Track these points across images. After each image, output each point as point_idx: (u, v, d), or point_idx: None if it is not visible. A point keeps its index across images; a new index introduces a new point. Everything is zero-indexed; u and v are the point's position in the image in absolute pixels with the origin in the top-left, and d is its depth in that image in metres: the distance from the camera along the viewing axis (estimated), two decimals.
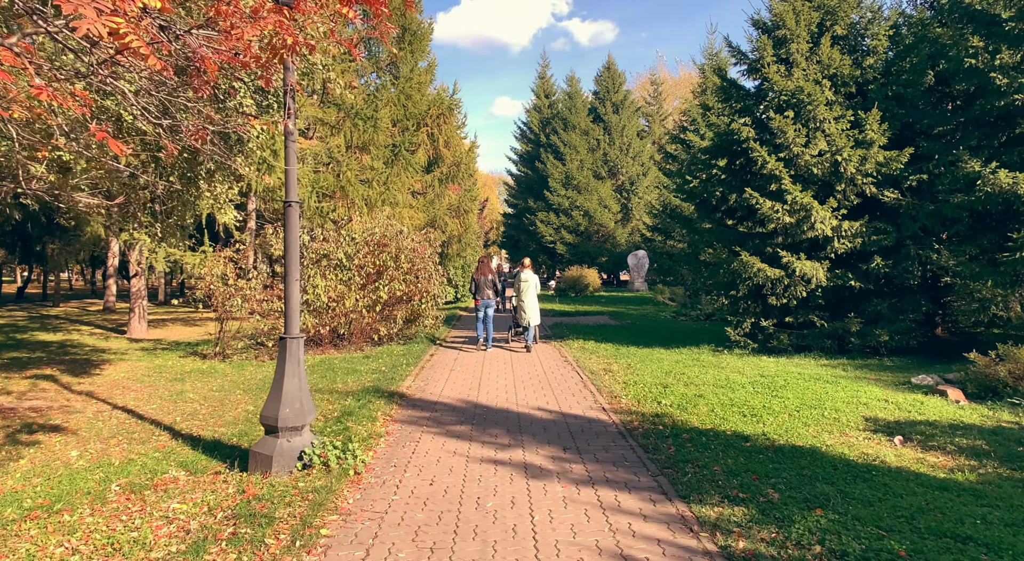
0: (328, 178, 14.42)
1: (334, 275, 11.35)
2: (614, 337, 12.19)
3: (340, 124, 15.67)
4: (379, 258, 11.60)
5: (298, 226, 4.77)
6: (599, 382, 7.59)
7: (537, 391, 7.19)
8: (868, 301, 9.44)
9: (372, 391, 7.21)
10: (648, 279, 32.15)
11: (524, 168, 41.36)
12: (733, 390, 7.00)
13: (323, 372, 8.89)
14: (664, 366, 8.70)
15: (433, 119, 17.57)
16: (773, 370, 8.32)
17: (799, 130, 9.24)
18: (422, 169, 17.77)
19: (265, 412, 4.59)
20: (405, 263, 11.78)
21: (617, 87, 37.83)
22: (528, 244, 38.73)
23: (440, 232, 17.45)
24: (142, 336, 14.79)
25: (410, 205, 16.90)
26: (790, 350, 9.64)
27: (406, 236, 11.93)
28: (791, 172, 9.31)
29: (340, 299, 11.15)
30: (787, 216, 9.24)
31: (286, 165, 4.68)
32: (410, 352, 10.58)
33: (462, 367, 9.07)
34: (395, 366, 9.13)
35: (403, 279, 11.80)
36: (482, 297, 11.35)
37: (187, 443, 5.48)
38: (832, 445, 4.94)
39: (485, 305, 11.48)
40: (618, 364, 8.91)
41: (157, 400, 7.41)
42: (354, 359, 10.12)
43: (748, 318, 10.03)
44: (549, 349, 10.92)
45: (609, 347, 10.72)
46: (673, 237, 20.48)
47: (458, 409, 6.35)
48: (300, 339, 4.73)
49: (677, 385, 7.31)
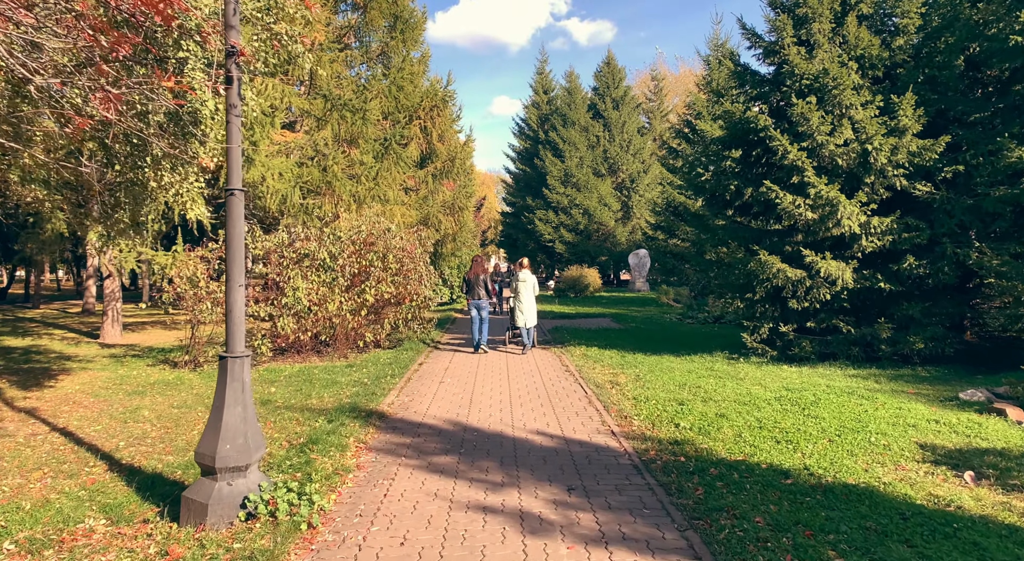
0: (313, 172, 13.55)
1: (316, 276, 10.49)
2: (618, 342, 11.34)
3: (327, 116, 14.80)
4: (365, 258, 10.75)
5: (242, 219, 3.91)
6: (606, 397, 6.73)
7: (536, 409, 6.34)
8: (898, 304, 8.61)
9: (348, 410, 6.36)
10: (649, 279, 31.32)
11: (522, 165, 40.51)
12: (758, 408, 6.16)
13: (299, 384, 8.04)
14: (676, 377, 7.85)
15: (426, 112, 16.69)
16: (798, 382, 7.48)
17: (823, 117, 8.39)
18: (414, 164, 16.90)
19: (200, 449, 3.73)
20: (393, 263, 10.93)
21: (617, 83, 36.98)
22: (526, 243, 37.88)
23: (434, 230, 16.59)
24: (115, 341, 13.92)
25: (402, 202, 16.03)
26: (813, 358, 8.80)
27: (394, 234, 11.07)
28: (814, 163, 8.47)
29: (323, 302, 10.30)
30: (810, 212, 8.41)
31: (228, 143, 3.83)
32: (398, 360, 9.73)
33: (453, 378, 8.22)
34: (379, 377, 8.28)
35: (391, 281, 10.95)
36: (473, 297, 10.86)
37: (123, 477, 4.62)
38: (890, 483, 4.09)
39: (476, 306, 10.91)
40: (625, 375, 8.06)
41: (106, 419, 6.55)
42: (336, 369, 9.27)
43: (765, 323, 9.20)
44: (549, 356, 10.08)
45: (614, 354, 9.87)
46: (677, 235, 19.65)
47: (444, 433, 5.49)
48: (245, 358, 3.87)
49: (694, 402, 6.46)
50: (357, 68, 17.66)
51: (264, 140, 12.31)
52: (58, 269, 45.92)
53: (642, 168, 36.24)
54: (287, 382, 8.31)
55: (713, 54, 19.86)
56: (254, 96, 5.82)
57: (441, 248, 17.28)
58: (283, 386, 8.01)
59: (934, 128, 8.62)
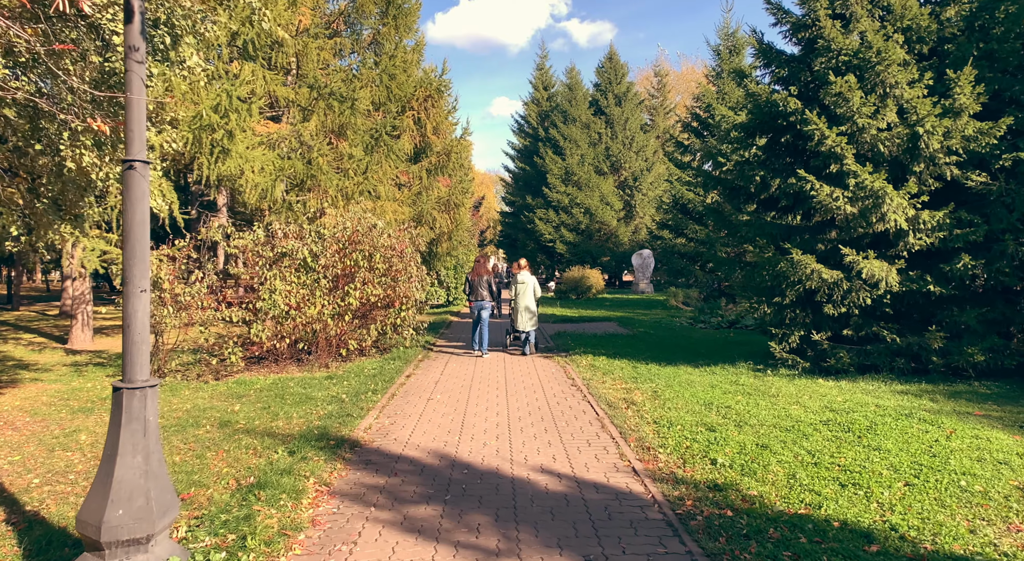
0: (296, 165, 12.55)
1: (296, 277, 9.49)
2: (628, 350, 10.33)
3: (313, 105, 13.80)
4: (350, 258, 9.75)
5: (145, 201, 2.89)
6: (621, 420, 5.72)
7: (539, 436, 5.33)
8: (947, 310, 7.61)
9: (316, 437, 5.35)
10: (654, 280, 30.33)
11: (522, 163, 39.51)
12: (805, 436, 5.15)
13: (269, 401, 7.03)
14: (699, 394, 6.85)
15: (420, 102, 15.69)
16: (842, 401, 6.47)
17: (864, 98, 7.39)
18: (407, 158, 15.90)
19: (82, 514, 2.72)
20: (381, 263, 9.93)
21: (620, 78, 35.99)
22: (526, 243, 36.88)
23: (428, 228, 15.60)
24: (84, 347, 12.90)
25: (394, 198, 15.03)
26: (851, 371, 7.80)
27: (382, 232, 10.06)
28: (853, 151, 7.47)
29: (302, 306, 9.29)
30: (849, 205, 7.40)
31: (128, 92, 2.81)
32: (383, 371, 8.71)
33: (444, 393, 7.21)
34: (360, 392, 7.27)
35: (378, 282, 9.95)
36: (476, 299, 10.37)
37: (15, 533, 3.61)
38: (1014, 556, 3.09)
39: (479, 307, 10.35)
40: (640, 391, 7.05)
41: (33, 445, 5.54)
42: (314, 381, 8.26)
43: (796, 330, 8.19)
44: (552, 367, 9.06)
45: (624, 365, 8.86)
46: (685, 234, 18.64)
47: (428, 470, 4.48)
48: (149, 390, 2.86)
49: (727, 427, 5.45)
50: (348, 57, 16.67)
51: (241, 130, 11.31)
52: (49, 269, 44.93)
53: (645, 166, 35.24)
54: (256, 397, 7.30)
55: (724, 43, 18.87)
56: (201, 60, 4.84)
57: (436, 247, 16.28)
58: (250, 403, 7.01)
59: (988, 111, 7.62)
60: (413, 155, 17.05)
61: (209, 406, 6.94)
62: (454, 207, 15.63)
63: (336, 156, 14.11)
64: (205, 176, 11.01)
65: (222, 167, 11.08)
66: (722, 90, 18.50)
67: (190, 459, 4.99)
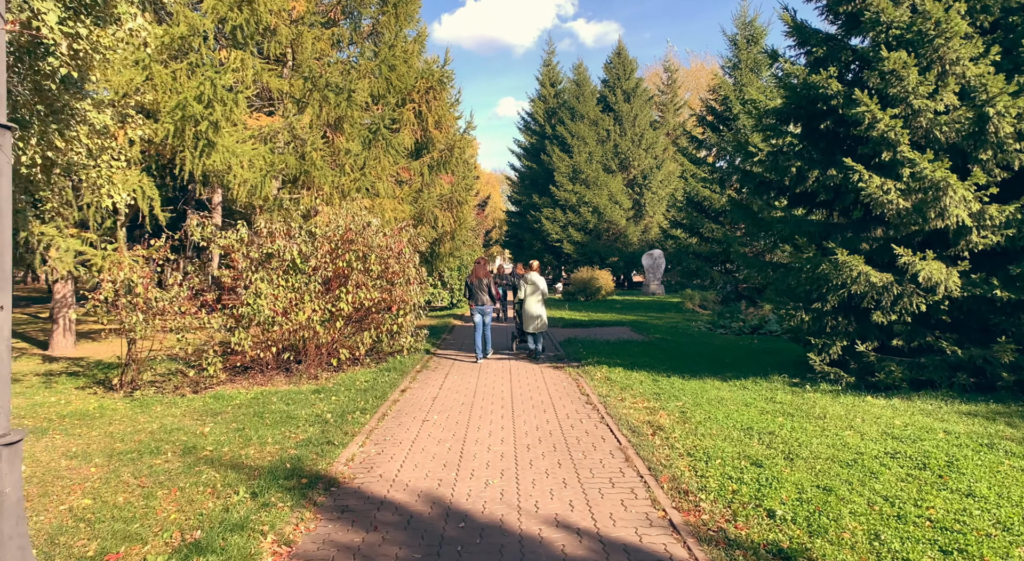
0: (289, 160, 11.75)
1: (284, 280, 8.69)
2: (646, 359, 9.45)
3: (307, 97, 13.00)
4: (342, 259, 8.94)
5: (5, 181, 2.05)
6: (648, 451, 4.85)
7: (552, 472, 4.47)
8: (1014, 317, 6.69)
9: (288, 472, 4.51)
10: (664, 281, 29.41)
11: (528, 162, 38.65)
12: (872, 474, 4.27)
13: (245, 420, 6.22)
14: (734, 415, 5.97)
15: (421, 94, 14.86)
16: (901, 425, 5.58)
17: (922, 77, 6.48)
18: (407, 153, 15.08)
19: None
20: (376, 265, 9.10)
21: (628, 74, 35.05)
22: (533, 243, 36.01)
23: (430, 227, 14.77)
24: (64, 353, 12.16)
25: (393, 195, 14.21)
26: (903, 387, 6.88)
27: (376, 230, 9.23)
28: (908, 136, 6.56)
29: (289, 311, 8.49)
30: (902, 199, 6.50)
31: None
32: (376, 385, 7.88)
33: (442, 412, 6.36)
34: (347, 411, 6.44)
35: (373, 285, 9.13)
36: (476, 302, 9.98)
37: None
38: None
39: (479, 311, 9.95)
40: (666, 411, 6.17)
41: None
42: (300, 395, 7.44)
43: (838, 340, 7.29)
44: (563, 379, 8.20)
45: (644, 378, 7.99)
46: (700, 234, 17.73)
47: (416, 523, 3.63)
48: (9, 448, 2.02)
49: (775, 460, 4.58)
50: (346, 49, 15.85)
51: (228, 121, 10.51)
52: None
53: (655, 163, 34.29)
54: (232, 416, 6.49)
55: (741, 33, 17.93)
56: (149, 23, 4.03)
57: (438, 247, 15.45)
58: (224, 423, 6.19)
59: None
60: (414, 151, 16.23)
61: (178, 427, 6.13)
62: (457, 205, 14.79)
63: (332, 151, 13.32)
64: (188, 171, 10.23)
65: (207, 161, 10.29)
66: (739, 82, 17.57)
67: (136, 500, 4.17)
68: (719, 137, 17.67)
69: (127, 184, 10.00)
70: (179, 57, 11.06)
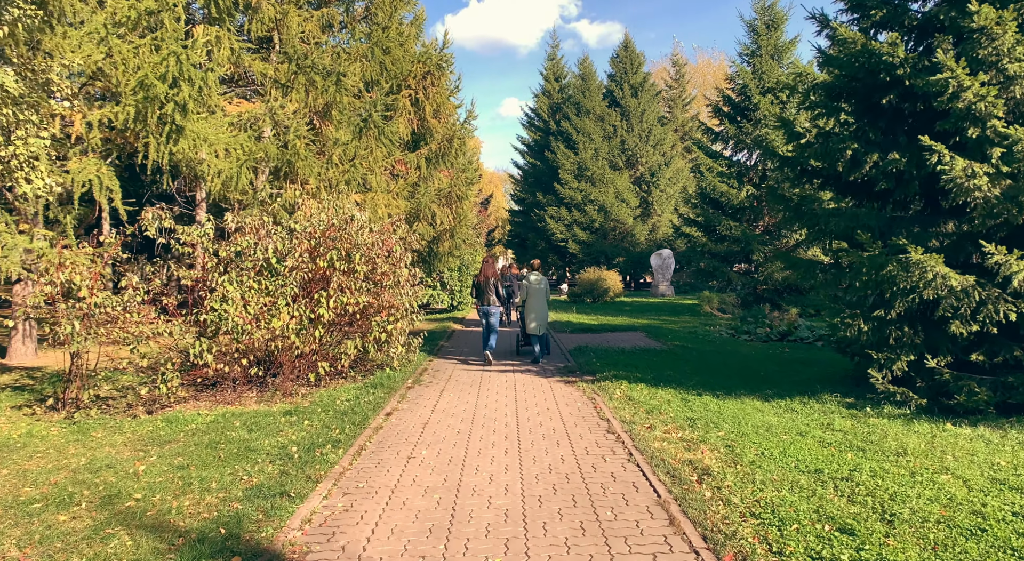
0: (270, 149, 10.63)
1: (256, 283, 7.57)
2: (669, 373, 8.31)
3: (292, 81, 11.89)
4: (323, 258, 7.83)
5: None
6: (698, 509, 3.70)
7: (573, 542, 3.33)
8: None
9: (221, 542, 3.39)
10: (674, 282, 28.25)
11: (532, 159, 37.53)
12: (1012, 551, 3.13)
13: (194, 453, 5.11)
14: (790, 449, 4.83)
15: (417, 80, 13.73)
16: (1008, 466, 4.42)
17: (1021, 38, 5.33)
18: (402, 144, 13.95)
19: None
20: (362, 265, 7.99)
21: (636, 68, 33.91)
22: (536, 243, 34.90)
23: (427, 224, 13.64)
24: (22, 362, 11.04)
25: (387, 189, 13.09)
26: (990, 412, 5.73)
27: (362, 226, 8.11)
28: (1001, 108, 5.40)
29: (260, 319, 7.38)
30: (990, 185, 5.35)
31: None
32: (357, 406, 6.75)
33: (433, 445, 5.23)
34: (317, 443, 5.31)
35: (358, 288, 8.01)
36: (483, 303, 9.73)
37: None
38: None
39: (486, 312, 9.66)
40: (708, 445, 5.03)
41: None
42: (267, 419, 6.32)
43: (904, 354, 6.14)
44: (577, 398, 7.05)
45: (671, 397, 6.85)
46: (717, 231, 16.57)
47: None
48: None
49: (870, 525, 3.43)
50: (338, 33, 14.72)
51: (198, 103, 9.40)
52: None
53: (663, 160, 33.16)
54: (182, 446, 5.37)
55: (761, 18, 16.76)
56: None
57: (437, 246, 14.31)
58: (167, 457, 5.08)
59: None
60: (411, 142, 15.10)
61: (110, 462, 5.01)
62: (457, 200, 13.66)
63: (319, 141, 12.21)
64: (153, 159, 9.11)
65: (174, 148, 9.17)
66: (759, 69, 16.41)
67: None
68: (737, 129, 16.51)
69: (82, 173, 8.90)
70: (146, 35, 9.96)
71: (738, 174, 16.66)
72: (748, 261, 16.46)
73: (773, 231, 16.43)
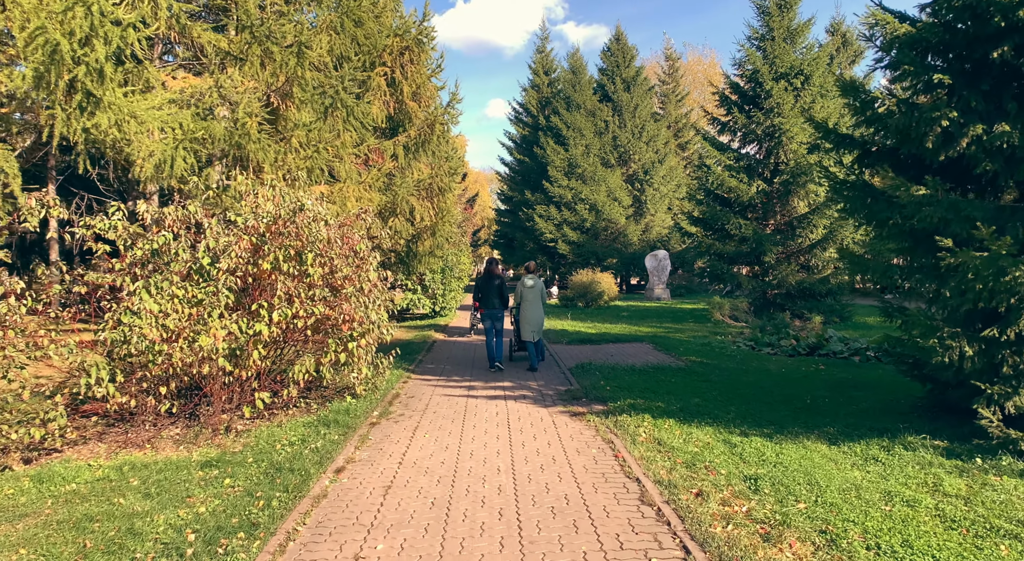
0: (214, 128, 8.93)
1: (181, 290, 5.91)
2: (696, 400, 6.77)
3: (246, 53, 10.19)
4: (266, 258, 6.19)
5: None
6: None
7: None
8: None
9: None
10: (669, 284, 26.87)
11: (520, 155, 35.94)
12: None
13: (50, 542, 3.46)
14: (908, 533, 3.32)
15: (394, 56, 12.09)
16: None
17: None
18: (377, 131, 12.31)
19: None
20: (315, 267, 6.36)
21: (628, 62, 32.50)
22: (524, 243, 33.32)
23: (404, 220, 11.99)
24: None
25: (359, 180, 11.43)
26: None
27: (315, 217, 6.47)
28: None
29: (178, 337, 5.72)
30: None
31: None
32: (300, 455, 5.12)
33: (394, 529, 3.62)
34: (227, 526, 3.67)
35: (310, 297, 6.38)
36: (487, 307, 9.10)
37: None
38: None
39: (491, 316, 9.05)
40: (794, 530, 3.48)
41: None
42: (180, 473, 4.68)
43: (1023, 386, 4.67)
44: (590, 442, 5.46)
45: (712, 439, 5.31)
46: (725, 229, 15.13)
47: None
48: None
49: None
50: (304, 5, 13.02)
51: (121, 68, 7.69)
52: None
53: (657, 158, 31.78)
54: (33, 531, 3.71)
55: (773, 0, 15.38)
56: None
57: (416, 245, 12.67)
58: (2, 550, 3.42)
59: None
60: (389, 129, 13.46)
61: None
62: (438, 193, 12.04)
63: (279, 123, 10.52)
64: (61, 134, 7.38)
65: (89, 123, 7.45)
66: (770, 54, 15.01)
67: None
68: (747, 118, 15.08)
69: None
70: None
71: (747, 168, 15.24)
72: (759, 263, 15.05)
73: (785, 230, 15.05)
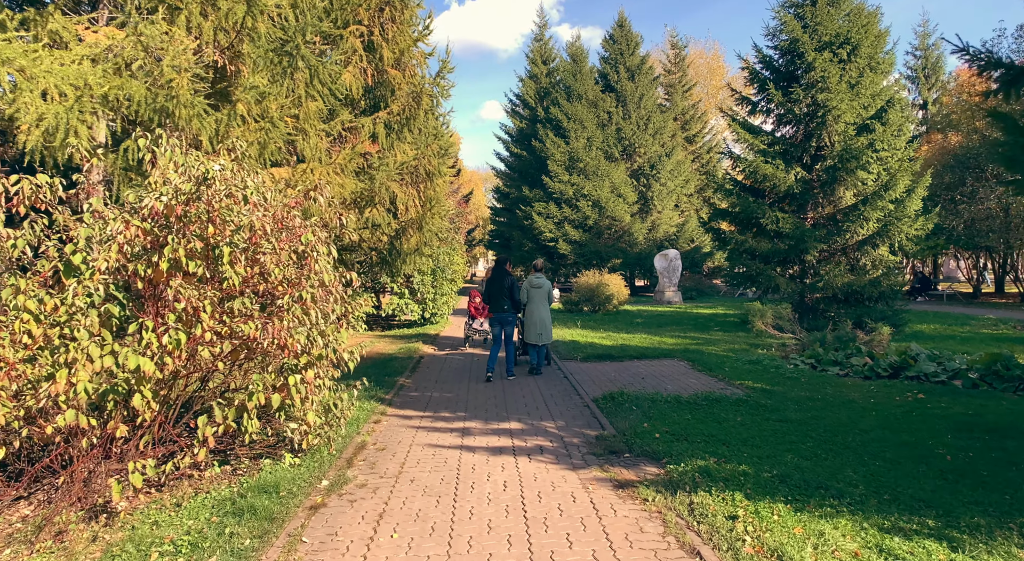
0: (132, 86, 6.84)
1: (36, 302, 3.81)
2: (791, 457, 4.72)
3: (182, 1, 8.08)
4: (161, 254, 4.10)
5: None
6: None
7: None
8: None
9: None
10: (681, 286, 24.88)
11: (517, 149, 33.89)
12: None
13: None
14: None
15: (371, 14, 10.02)
16: None
17: None
18: (351, 103, 10.21)
19: None
20: (236, 268, 4.28)
21: (632, 49, 30.54)
22: (522, 243, 31.25)
23: (386, 211, 9.90)
24: None
25: (328, 161, 9.33)
26: None
27: (225, 188, 4.38)
28: None
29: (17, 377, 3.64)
30: None
31: None
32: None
33: None
34: None
35: (228, 311, 4.30)
36: (496, 310, 8.35)
37: None
38: None
39: (500, 320, 8.33)
40: None
41: None
42: None
43: None
44: (657, 543, 3.39)
45: (859, 544, 3.26)
46: (760, 224, 13.12)
47: None
48: None
49: None
50: None
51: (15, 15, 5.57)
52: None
53: (663, 152, 29.79)
54: None
55: None
56: None
57: (400, 242, 10.57)
58: None
59: None
60: (369, 105, 11.37)
61: None
62: (425, 178, 9.94)
63: (224, 85, 8.43)
64: None
65: None
66: (811, 21, 13.04)
67: None
68: (784, 96, 13.08)
69: None
70: None
71: (783, 152, 13.25)
72: (799, 262, 13.06)
73: (829, 224, 13.05)
